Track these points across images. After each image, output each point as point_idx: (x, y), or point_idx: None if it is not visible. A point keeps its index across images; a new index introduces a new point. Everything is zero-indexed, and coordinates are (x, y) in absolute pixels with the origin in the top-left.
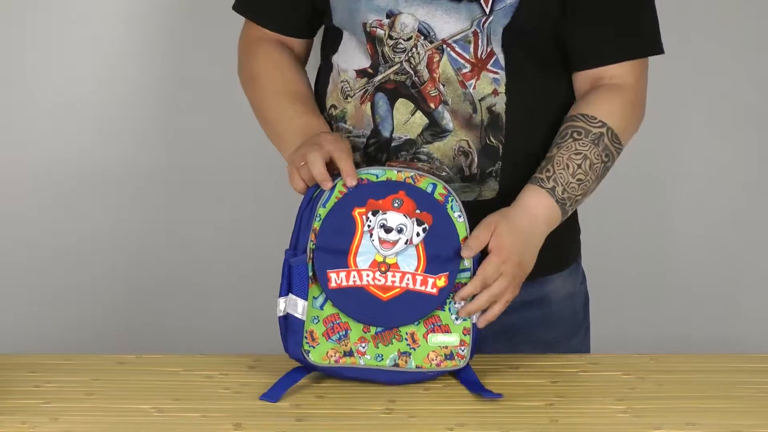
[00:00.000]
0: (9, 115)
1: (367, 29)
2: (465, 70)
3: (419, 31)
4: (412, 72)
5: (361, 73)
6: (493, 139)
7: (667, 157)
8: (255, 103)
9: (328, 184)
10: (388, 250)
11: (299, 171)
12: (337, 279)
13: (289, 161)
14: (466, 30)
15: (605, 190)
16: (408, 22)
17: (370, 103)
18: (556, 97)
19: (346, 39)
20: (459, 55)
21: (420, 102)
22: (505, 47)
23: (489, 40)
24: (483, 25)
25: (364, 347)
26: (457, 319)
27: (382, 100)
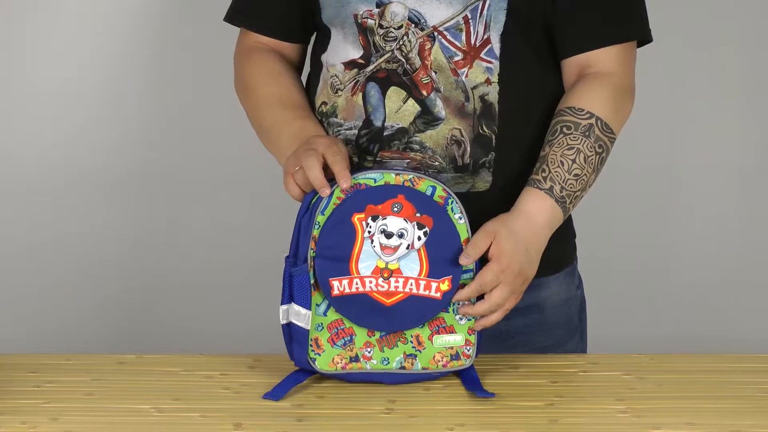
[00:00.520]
0: (6, 115)
1: (359, 20)
2: (457, 58)
3: (410, 19)
4: (403, 60)
5: (349, 65)
6: (486, 129)
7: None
8: (250, 111)
9: (326, 191)
10: (390, 256)
11: (294, 176)
12: (339, 287)
13: (284, 167)
14: (457, 15)
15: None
16: (398, 10)
17: (361, 94)
18: (551, 90)
19: (334, 36)
20: (450, 43)
21: (412, 89)
22: (504, 35)
23: (487, 27)
24: (481, 11)
25: (369, 352)
26: (461, 319)
27: (374, 89)
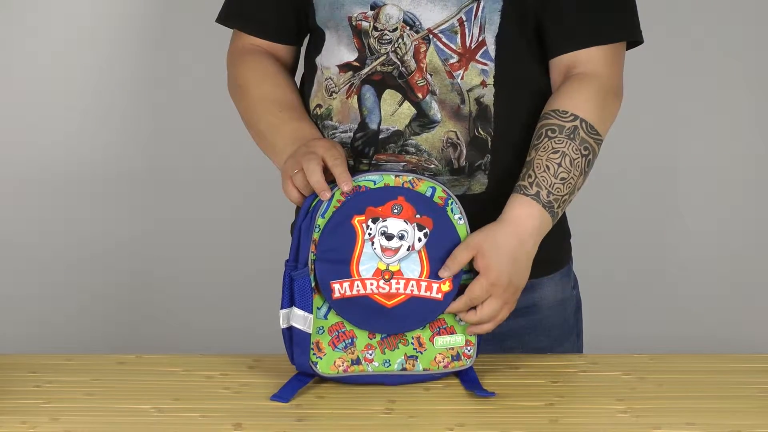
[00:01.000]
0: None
1: (353, 23)
2: (452, 61)
3: (404, 21)
4: (399, 62)
5: (344, 67)
6: (481, 131)
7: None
8: (244, 114)
9: (326, 194)
10: (391, 258)
11: (293, 179)
12: (340, 289)
13: (282, 170)
14: (452, 17)
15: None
16: (393, 13)
17: (356, 97)
18: (547, 92)
19: (329, 38)
20: (445, 45)
21: (407, 92)
22: (499, 37)
23: (482, 29)
24: (476, 13)
25: (371, 354)
26: (461, 320)
27: (369, 92)
